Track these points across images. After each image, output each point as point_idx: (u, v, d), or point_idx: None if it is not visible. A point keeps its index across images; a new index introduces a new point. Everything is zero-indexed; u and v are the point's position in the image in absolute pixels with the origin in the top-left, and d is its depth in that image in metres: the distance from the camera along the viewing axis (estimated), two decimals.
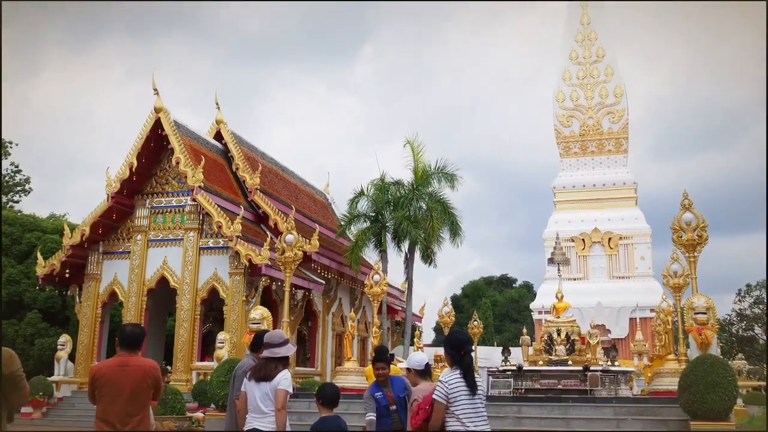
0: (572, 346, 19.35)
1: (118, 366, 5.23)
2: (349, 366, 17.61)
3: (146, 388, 5.23)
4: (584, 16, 38.30)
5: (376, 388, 6.59)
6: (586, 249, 34.58)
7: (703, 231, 14.08)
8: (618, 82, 36.66)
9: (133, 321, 22.77)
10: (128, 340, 5.32)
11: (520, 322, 50.54)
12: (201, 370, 21.47)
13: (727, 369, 11.42)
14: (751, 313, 37.88)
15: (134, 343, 5.35)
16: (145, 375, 5.23)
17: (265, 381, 5.65)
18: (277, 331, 6.12)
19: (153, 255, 23.56)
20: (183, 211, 23.44)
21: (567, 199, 36.08)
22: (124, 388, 5.14)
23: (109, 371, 5.23)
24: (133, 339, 5.34)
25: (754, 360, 35.57)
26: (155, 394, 5.37)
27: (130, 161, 23.31)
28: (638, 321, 29.91)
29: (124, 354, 5.30)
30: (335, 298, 28.12)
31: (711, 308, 13.40)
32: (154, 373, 5.31)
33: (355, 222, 27.82)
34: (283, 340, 5.85)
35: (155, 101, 23.48)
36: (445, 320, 25.93)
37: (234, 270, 22.19)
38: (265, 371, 5.68)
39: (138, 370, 5.23)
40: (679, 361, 15.44)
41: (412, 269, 27.26)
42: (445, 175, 27.37)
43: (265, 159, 29.66)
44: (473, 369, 5.20)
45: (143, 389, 5.22)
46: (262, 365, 5.77)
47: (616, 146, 36.27)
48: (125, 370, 5.19)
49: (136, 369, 5.23)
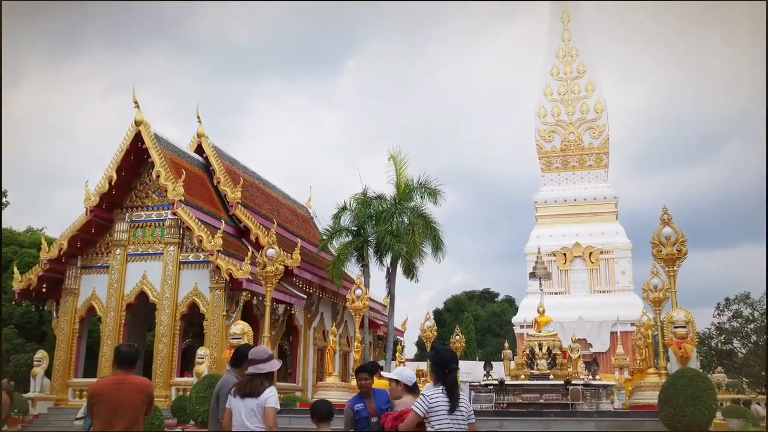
0: (554, 360, 19.36)
1: (114, 384, 5.73)
2: (331, 381, 17.49)
3: (140, 404, 5.71)
4: (565, 33, 38.70)
5: (357, 400, 6.61)
6: (568, 263, 34.75)
7: (683, 245, 14.17)
8: (599, 97, 37.02)
9: (111, 336, 22.60)
10: (123, 359, 5.86)
11: (502, 336, 50.56)
12: (180, 385, 21.25)
13: (707, 382, 11.46)
14: (730, 326, 38.13)
15: (129, 362, 5.88)
16: (140, 392, 5.74)
17: (250, 397, 5.61)
18: (261, 347, 6.10)
19: (132, 269, 23.33)
20: (163, 225, 23.27)
21: (548, 213, 36.28)
22: (121, 403, 5.61)
23: (106, 388, 5.73)
24: (128, 358, 5.88)
25: (733, 373, 35.77)
26: (147, 410, 5.85)
27: (109, 175, 23.12)
28: (619, 335, 30.02)
29: (120, 373, 5.82)
30: (317, 313, 27.99)
31: (690, 322, 13.46)
32: (147, 390, 5.84)
33: (337, 236, 27.75)
34: (267, 355, 5.84)
35: (136, 114, 23.33)
36: (427, 335, 25.84)
37: (214, 284, 22.03)
38: (251, 387, 5.65)
39: (133, 387, 5.74)
40: (660, 375, 15.49)
41: (395, 283, 27.20)
42: (428, 190, 27.40)
43: (247, 173, 29.56)
44: (458, 386, 5.30)
45: (137, 405, 5.70)
46: (247, 381, 5.73)
47: (596, 161, 36.57)
48: (121, 387, 5.69)
49: (132, 386, 5.73)
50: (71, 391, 23.05)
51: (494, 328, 58.17)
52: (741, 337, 37.83)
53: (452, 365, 5.32)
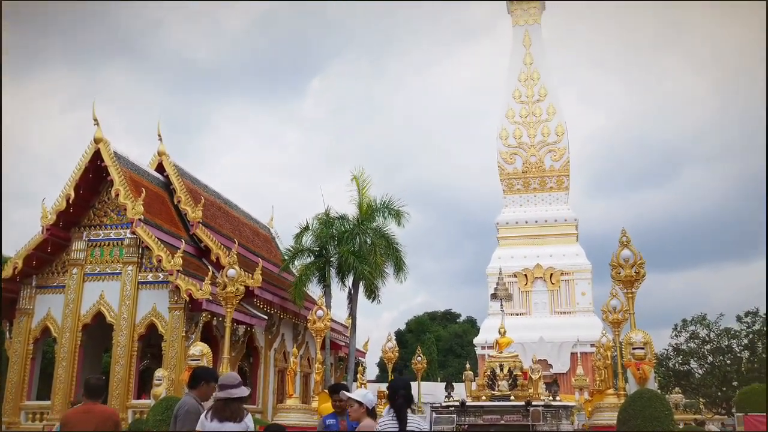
0: (515, 381, 19.46)
1: (83, 413, 6.41)
2: (291, 403, 17.33)
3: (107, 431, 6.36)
4: (527, 56, 39.32)
5: (330, 416, 7.13)
6: (529, 284, 35.01)
7: (641, 268, 14.38)
8: (560, 120, 37.59)
9: (66, 358, 22.06)
10: (92, 390, 6.57)
11: (464, 357, 50.68)
12: (137, 408, 20.81)
13: (664, 403, 11.62)
14: (687, 347, 38.71)
15: (97, 392, 6.61)
16: (107, 420, 6.42)
17: (231, 421, 5.70)
18: (231, 374, 6.23)
19: (89, 289, 22.85)
20: (122, 244, 22.88)
21: (510, 235, 36.59)
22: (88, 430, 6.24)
23: (75, 417, 6.41)
24: (96, 389, 6.60)
25: (690, 394, 36.28)
26: None
27: (67, 192, 22.70)
28: (579, 356, 30.30)
29: (88, 402, 6.50)
30: (278, 334, 27.72)
31: (648, 343, 13.63)
32: (114, 418, 6.57)
33: (299, 256, 27.60)
34: (238, 381, 5.99)
35: (95, 131, 22.99)
36: (388, 356, 25.79)
37: (174, 305, 21.68)
38: (230, 412, 5.75)
39: (100, 415, 6.43)
40: (618, 396, 15.66)
41: (356, 304, 27.10)
42: (391, 211, 27.45)
43: (208, 192, 29.29)
44: (405, 410, 5.73)
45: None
46: (223, 406, 5.78)
47: (557, 183, 37.04)
48: (89, 416, 6.34)
49: (99, 414, 6.43)
50: (24, 414, 22.41)
51: (456, 348, 58.29)
52: (698, 357, 38.42)
53: (401, 392, 5.76)
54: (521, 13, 40.27)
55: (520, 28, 40.04)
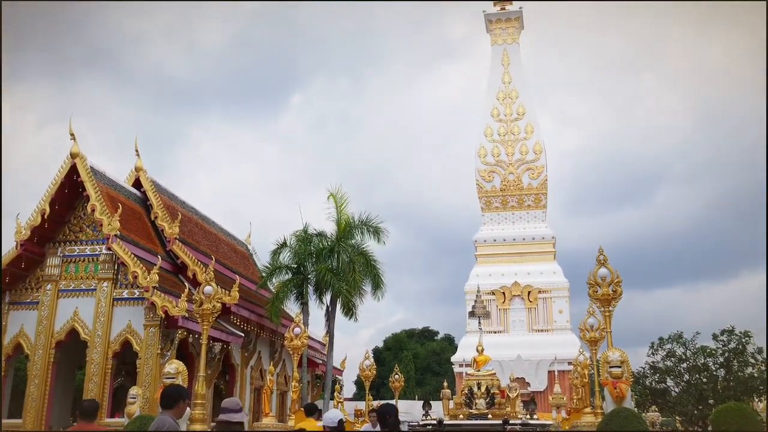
0: (492, 399, 19.44)
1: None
2: (267, 422, 17.14)
3: None
4: (506, 75, 39.65)
5: None
6: (507, 302, 35.07)
7: (618, 286, 14.41)
8: (537, 139, 37.87)
9: (39, 375, 21.75)
10: (85, 412, 7.01)
11: (442, 374, 50.57)
12: (111, 426, 20.45)
13: (641, 422, 11.63)
14: (664, 365, 38.86)
15: (90, 414, 7.01)
16: None
17: None
18: (234, 399, 6.23)
19: (63, 306, 22.55)
20: (97, 260, 22.64)
21: (488, 252, 36.67)
22: None
23: None
24: (89, 411, 7.01)
25: (666, 412, 36.40)
26: None
27: (42, 207, 22.45)
28: (557, 374, 30.30)
29: (82, 423, 6.99)
30: (254, 351, 27.51)
31: (625, 362, 13.65)
32: None
33: (276, 273, 27.45)
34: (240, 406, 6.02)
35: (72, 146, 22.79)
36: (366, 374, 25.55)
37: (149, 322, 21.44)
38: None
39: None
40: (595, 414, 15.66)
41: (334, 322, 26.97)
42: (369, 228, 27.41)
43: (186, 208, 29.11)
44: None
45: None
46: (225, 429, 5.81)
47: (535, 201, 37.26)
48: None
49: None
50: None
51: (434, 366, 58.14)
52: (674, 375, 38.58)
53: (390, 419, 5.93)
54: (500, 33, 40.66)
55: (499, 47, 40.40)
